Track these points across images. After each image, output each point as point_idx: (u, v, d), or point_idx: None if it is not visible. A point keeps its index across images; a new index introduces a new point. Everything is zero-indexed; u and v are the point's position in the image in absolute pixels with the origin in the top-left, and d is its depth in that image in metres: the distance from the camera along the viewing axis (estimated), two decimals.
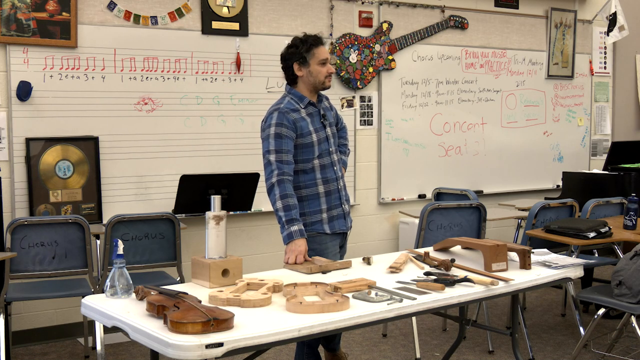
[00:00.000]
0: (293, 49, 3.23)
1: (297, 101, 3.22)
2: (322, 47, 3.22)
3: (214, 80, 4.94)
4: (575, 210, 4.74)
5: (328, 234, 3.23)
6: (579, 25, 6.80)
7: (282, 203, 3.05)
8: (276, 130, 3.12)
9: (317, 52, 3.19)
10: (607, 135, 7.19)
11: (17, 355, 4.28)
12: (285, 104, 3.20)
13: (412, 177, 5.86)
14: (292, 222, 3.04)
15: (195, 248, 4.83)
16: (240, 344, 1.98)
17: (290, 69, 3.23)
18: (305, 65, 3.20)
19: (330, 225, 3.24)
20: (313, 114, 3.25)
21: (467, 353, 4.29)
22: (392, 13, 5.69)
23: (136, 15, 4.65)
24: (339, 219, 3.29)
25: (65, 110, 4.46)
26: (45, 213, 4.37)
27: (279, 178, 3.07)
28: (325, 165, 3.25)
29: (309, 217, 3.21)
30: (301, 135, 3.17)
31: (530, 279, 2.79)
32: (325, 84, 3.23)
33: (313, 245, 3.19)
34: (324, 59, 3.20)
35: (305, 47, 3.19)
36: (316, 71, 3.20)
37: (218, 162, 4.93)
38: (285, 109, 3.17)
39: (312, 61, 3.19)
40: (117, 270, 2.39)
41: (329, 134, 3.30)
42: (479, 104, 6.22)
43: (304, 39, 3.23)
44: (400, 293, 2.48)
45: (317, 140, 3.21)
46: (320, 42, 3.23)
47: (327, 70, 3.21)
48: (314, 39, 3.22)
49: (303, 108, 3.22)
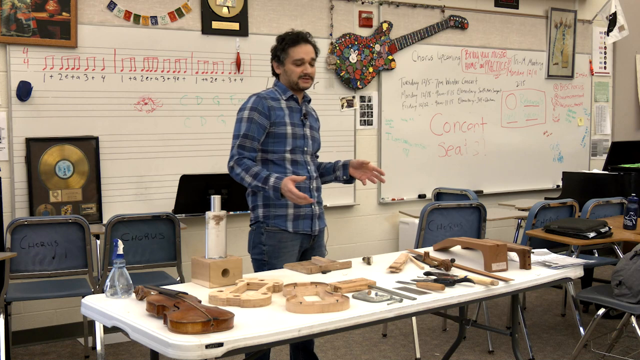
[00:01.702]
0: (274, 46, 3.21)
1: (280, 92, 3.18)
2: (299, 47, 3.14)
3: (214, 80, 4.94)
4: (575, 210, 4.74)
5: (289, 232, 3.13)
6: (579, 25, 6.80)
7: (250, 174, 3.02)
8: (249, 114, 3.09)
9: (292, 51, 3.13)
10: (607, 135, 7.19)
11: (17, 355, 4.28)
12: (267, 92, 3.18)
13: (412, 177, 5.86)
14: (267, 180, 2.99)
15: (195, 248, 4.83)
16: (240, 344, 1.98)
17: (272, 66, 3.24)
18: (281, 64, 3.17)
19: (294, 223, 3.14)
20: (293, 108, 3.19)
21: (467, 353, 4.29)
22: (392, 13, 5.69)
23: (136, 15, 4.65)
24: (306, 220, 3.18)
25: (65, 110, 4.46)
26: (45, 213, 4.37)
27: (237, 160, 3.05)
28: (297, 161, 3.17)
29: (274, 210, 3.13)
30: (275, 124, 3.10)
31: (530, 279, 2.79)
32: (300, 85, 3.15)
33: (271, 241, 3.12)
34: (298, 59, 3.13)
35: (281, 45, 3.16)
36: (290, 71, 3.14)
37: (218, 162, 4.93)
38: (264, 95, 3.14)
39: (286, 61, 3.15)
40: (117, 270, 2.39)
41: (308, 134, 3.22)
42: (479, 104, 6.22)
43: (283, 37, 3.18)
44: (400, 293, 2.48)
45: (292, 133, 3.14)
46: (299, 42, 3.15)
47: (303, 70, 3.14)
48: (292, 37, 3.15)
49: (284, 100, 3.17)
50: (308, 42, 3.18)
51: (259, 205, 3.16)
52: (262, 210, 3.14)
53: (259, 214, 3.15)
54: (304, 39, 3.17)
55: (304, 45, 3.15)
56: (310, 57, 3.16)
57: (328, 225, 5.50)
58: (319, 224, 3.26)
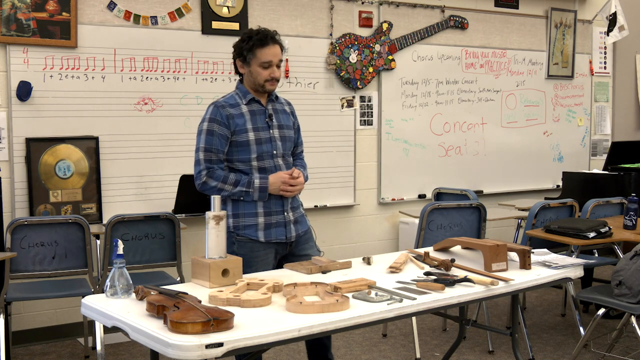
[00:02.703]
0: (239, 43, 3.03)
1: (241, 96, 3.05)
2: (268, 48, 2.98)
3: (214, 80, 4.94)
4: (575, 210, 4.74)
5: (261, 242, 3.04)
6: (579, 25, 6.80)
7: (229, 184, 2.96)
8: (209, 126, 2.99)
9: (259, 53, 2.97)
10: (607, 135, 7.19)
11: (17, 355, 4.28)
12: (226, 98, 3.05)
13: (412, 177, 5.86)
14: (249, 184, 2.95)
15: (195, 248, 4.82)
16: (240, 344, 1.98)
17: (235, 64, 3.08)
18: (247, 64, 3.02)
19: (265, 232, 3.04)
20: (256, 111, 3.05)
21: (467, 353, 4.29)
22: (392, 13, 5.69)
23: (136, 15, 4.65)
24: (278, 227, 3.06)
25: (65, 110, 4.46)
26: (45, 213, 4.37)
27: (207, 174, 2.97)
28: (266, 168, 3.05)
29: (243, 219, 3.04)
30: (235, 133, 2.99)
31: (530, 279, 2.79)
32: (265, 87, 3.02)
33: (242, 250, 3.00)
34: (266, 62, 2.98)
35: (248, 45, 2.99)
36: (256, 73, 3.00)
37: None
38: (222, 103, 3.01)
39: (252, 61, 2.99)
40: (117, 270, 2.39)
41: (276, 136, 3.07)
42: (479, 104, 6.22)
43: (250, 35, 3.01)
44: (400, 293, 2.48)
45: (255, 139, 3.01)
46: (267, 42, 2.98)
47: (270, 74, 2.99)
48: (260, 38, 2.98)
49: (245, 104, 3.03)
50: (276, 42, 3.02)
51: (229, 215, 3.06)
52: (232, 220, 3.05)
53: (230, 224, 3.05)
54: (272, 39, 3.01)
55: (272, 47, 3.00)
56: (278, 59, 3.01)
57: (328, 226, 5.56)
58: (296, 229, 3.14)
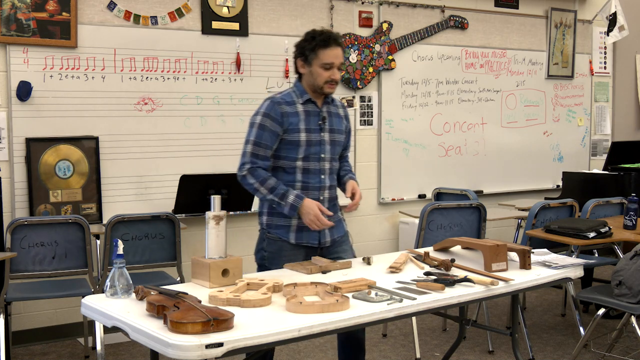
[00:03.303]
0: (302, 42, 3.01)
1: (298, 94, 3.02)
2: (330, 50, 2.95)
3: (214, 80, 4.94)
4: (575, 210, 4.74)
5: (291, 243, 3.03)
6: (579, 25, 6.80)
7: (266, 187, 2.92)
8: (262, 120, 2.95)
9: (322, 54, 2.95)
10: (607, 135, 7.19)
11: (17, 355, 4.28)
12: (283, 95, 3.03)
13: (412, 177, 5.86)
14: (285, 196, 2.91)
15: (195, 248, 4.82)
16: (240, 344, 1.98)
17: (295, 63, 3.06)
18: (308, 64, 2.99)
19: (297, 235, 3.03)
20: (311, 112, 3.02)
21: (467, 353, 4.29)
22: (392, 13, 5.69)
23: (136, 15, 4.65)
24: (311, 232, 3.03)
25: (65, 110, 4.46)
26: (45, 213, 4.37)
27: (250, 169, 2.94)
28: (310, 170, 3.03)
29: (277, 219, 3.03)
30: (287, 131, 2.97)
31: (530, 279, 2.79)
32: (324, 89, 3.00)
33: (272, 248, 3.04)
34: (327, 63, 2.95)
35: (311, 45, 2.97)
36: (316, 73, 2.97)
37: (218, 162, 4.93)
38: (278, 100, 2.99)
39: (314, 62, 2.96)
40: (117, 270, 2.39)
41: (326, 139, 3.05)
42: (479, 104, 6.22)
43: (314, 35, 2.99)
44: (400, 293, 2.48)
45: (306, 140, 2.99)
46: (330, 44, 2.96)
47: (330, 75, 2.97)
48: (324, 38, 2.96)
49: (301, 103, 3.01)
50: (339, 45, 3.00)
51: (264, 213, 3.09)
52: (266, 218, 3.08)
53: (263, 221, 3.09)
54: (335, 41, 2.99)
55: (334, 49, 2.97)
56: (339, 62, 3.00)
57: None
58: (332, 234, 3.13)
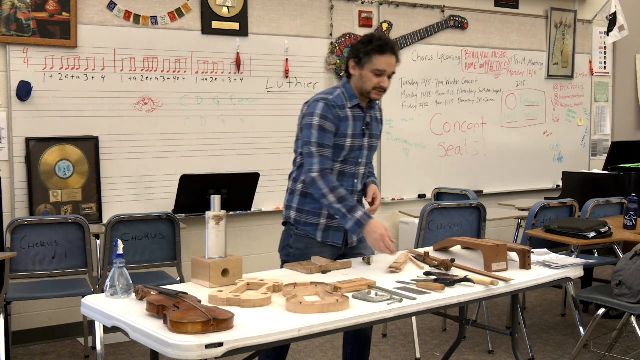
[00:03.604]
0: (358, 44, 2.99)
1: (347, 97, 3.00)
2: (385, 57, 2.93)
3: (214, 80, 4.94)
4: (575, 210, 4.74)
5: (317, 241, 3.05)
6: (579, 25, 6.80)
7: (335, 195, 2.88)
8: (320, 122, 2.91)
9: (376, 60, 2.93)
10: (607, 135, 7.19)
11: (17, 355, 4.28)
12: (335, 97, 2.99)
13: (412, 177, 5.86)
14: (353, 210, 2.87)
15: (195, 248, 4.83)
16: (240, 344, 1.98)
17: (347, 63, 3.03)
18: (360, 66, 2.97)
19: (324, 233, 3.05)
20: (357, 117, 3.02)
21: (467, 353, 4.29)
22: (392, 13, 5.69)
23: (136, 15, 4.65)
24: (337, 232, 3.06)
25: (65, 110, 4.46)
26: (45, 213, 4.37)
27: (321, 172, 2.90)
28: (345, 173, 3.04)
29: (306, 217, 3.05)
30: (337, 135, 2.96)
31: (530, 279, 2.79)
32: (371, 95, 2.98)
33: (298, 245, 3.05)
34: (380, 70, 2.94)
35: (367, 49, 2.95)
36: (367, 78, 2.96)
37: (218, 162, 4.93)
38: (332, 102, 2.95)
39: (367, 66, 2.94)
40: (117, 270, 2.39)
41: (366, 144, 3.07)
42: (479, 104, 6.22)
43: (372, 40, 2.96)
44: (400, 293, 2.48)
45: (351, 145, 3.00)
46: (386, 51, 2.94)
47: (379, 82, 2.95)
48: (380, 44, 2.94)
49: (350, 107, 3.00)
50: (394, 53, 2.98)
51: (292, 207, 3.08)
52: (295, 214, 3.07)
53: (291, 216, 3.08)
54: (391, 49, 2.97)
55: (389, 56, 2.95)
56: (391, 70, 2.98)
57: None
58: (355, 237, 3.14)
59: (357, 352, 3.20)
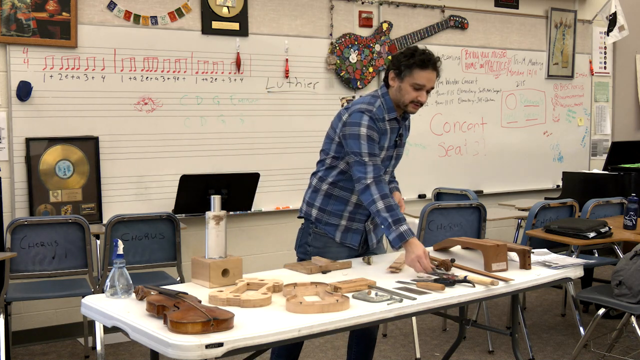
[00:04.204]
0: (400, 56, 2.99)
1: (386, 110, 3.01)
2: (426, 72, 2.95)
3: (214, 80, 4.94)
4: (575, 210, 4.74)
5: (336, 241, 3.08)
6: (579, 25, 6.80)
7: (384, 203, 2.88)
8: (368, 132, 2.92)
9: (416, 74, 2.93)
10: (607, 135, 7.19)
11: (17, 355, 4.28)
12: (377, 109, 2.98)
13: (412, 177, 5.85)
14: (399, 222, 2.87)
15: (195, 248, 4.82)
16: (240, 344, 1.98)
17: (387, 73, 3.04)
18: (399, 78, 2.97)
19: (342, 234, 3.08)
20: (393, 130, 3.05)
21: (467, 353, 4.29)
22: (392, 13, 5.69)
23: (136, 15, 4.65)
24: (355, 234, 3.10)
25: (65, 110, 4.46)
26: (45, 213, 4.37)
27: (375, 179, 2.90)
28: None
29: (327, 217, 3.07)
30: None
31: (530, 279, 2.79)
32: (408, 109, 3.00)
33: (317, 243, 3.08)
34: (419, 84, 2.94)
35: (409, 62, 2.95)
36: (405, 91, 2.96)
37: (218, 162, 4.93)
38: (375, 115, 2.96)
39: (406, 79, 2.95)
40: (117, 270, 2.39)
41: (394, 155, 3.11)
42: (479, 104, 6.22)
43: (415, 53, 2.97)
44: (400, 293, 2.48)
45: (383, 158, 3.02)
46: (428, 67, 2.95)
47: (417, 96, 2.96)
48: (423, 59, 2.95)
49: (388, 120, 3.01)
50: (435, 69, 3.00)
51: (315, 206, 3.09)
52: (317, 212, 3.08)
53: (312, 214, 3.08)
54: (433, 65, 2.99)
55: (430, 72, 2.97)
56: (430, 86, 2.99)
57: None
58: (376, 234, 3.18)
59: (362, 352, 3.22)
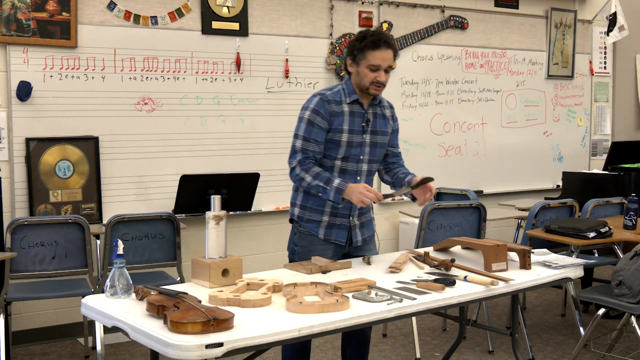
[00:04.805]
0: (353, 41, 2.99)
1: (346, 94, 3.00)
2: (379, 52, 2.92)
3: (214, 80, 4.94)
4: (575, 210, 4.74)
5: (320, 238, 3.06)
6: (579, 25, 6.80)
7: (310, 174, 2.91)
8: (310, 116, 2.94)
9: (370, 55, 2.92)
10: (607, 135, 7.19)
11: (17, 355, 4.28)
12: (333, 92, 3.00)
13: None
14: (330, 180, 2.88)
15: (195, 248, 4.83)
16: (240, 344, 1.98)
17: (345, 61, 3.05)
18: (356, 63, 2.98)
19: (326, 231, 3.06)
20: (355, 113, 3.01)
21: (467, 353, 4.29)
22: (392, 13, 5.69)
23: (136, 15, 4.65)
24: (340, 230, 3.07)
25: (65, 110, 4.46)
26: (45, 213, 4.37)
27: (300, 162, 2.93)
28: (347, 170, 3.03)
29: (309, 213, 3.06)
30: (332, 130, 2.97)
31: (530, 279, 2.79)
32: (370, 90, 2.97)
33: (303, 242, 3.07)
34: (375, 65, 2.93)
35: (361, 45, 2.95)
36: (363, 74, 2.96)
37: (218, 162, 4.93)
38: (327, 98, 2.97)
39: (362, 62, 2.95)
40: (117, 270, 2.39)
41: (367, 141, 3.05)
42: (479, 104, 6.22)
43: (366, 36, 2.96)
44: (400, 293, 2.48)
45: (347, 141, 2.98)
46: (380, 46, 2.93)
47: (376, 77, 2.94)
48: (374, 40, 2.93)
49: (347, 103, 2.99)
50: (389, 47, 2.96)
51: (296, 204, 3.10)
52: (298, 210, 3.09)
53: (295, 212, 3.11)
54: (386, 43, 2.95)
55: (383, 51, 2.94)
56: (387, 65, 2.96)
57: None
58: (362, 233, 3.15)
59: (356, 353, 3.21)
